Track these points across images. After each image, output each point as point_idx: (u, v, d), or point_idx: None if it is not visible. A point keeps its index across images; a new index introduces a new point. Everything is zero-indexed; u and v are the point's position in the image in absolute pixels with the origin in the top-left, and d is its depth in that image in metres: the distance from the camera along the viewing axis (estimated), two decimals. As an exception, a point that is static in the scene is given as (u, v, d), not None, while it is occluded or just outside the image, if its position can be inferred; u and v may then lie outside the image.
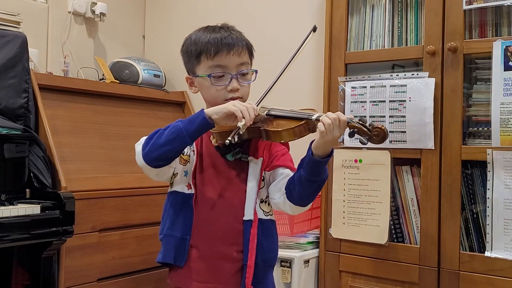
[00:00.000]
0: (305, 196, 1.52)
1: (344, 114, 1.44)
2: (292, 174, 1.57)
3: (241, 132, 1.45)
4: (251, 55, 1.65)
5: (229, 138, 1.44)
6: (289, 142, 1.60)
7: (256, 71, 1.64)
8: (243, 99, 1.61)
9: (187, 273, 1.57)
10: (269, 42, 2.65)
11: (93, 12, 2.96)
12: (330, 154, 1.47)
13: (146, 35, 3.32)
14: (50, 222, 1.99)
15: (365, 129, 1.41)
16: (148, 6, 3.32)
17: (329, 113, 1.43)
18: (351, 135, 1.44)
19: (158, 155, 1.49)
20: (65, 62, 2.76)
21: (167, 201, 1.64)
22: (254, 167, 1.59)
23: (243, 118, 1.43)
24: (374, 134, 1.40)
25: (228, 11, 2.90)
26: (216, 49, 1.56)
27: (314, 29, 1.63)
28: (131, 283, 2.38)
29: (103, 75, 2.81)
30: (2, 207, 1.90)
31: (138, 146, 1.54)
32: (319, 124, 1.42)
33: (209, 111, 1.48)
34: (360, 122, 1.42)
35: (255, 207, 1.57)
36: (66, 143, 2.32)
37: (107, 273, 2.29)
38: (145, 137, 1.55)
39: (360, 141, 1.42)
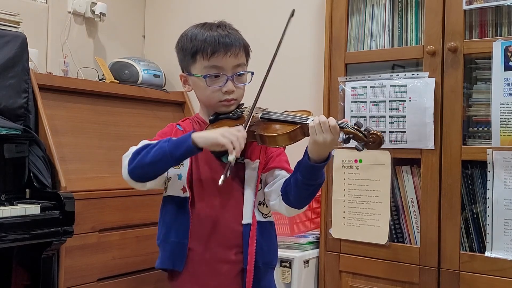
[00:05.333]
0: (301, 199, 1.50)
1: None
2: (287, 175, 1.55)
3: (232, 165, 1.39)
4: (247, 55, 1.62)
5: (223, 176, 1.38)
6: None
7: (252, 73, 1.60)
8: (237, 100, 1.59)
9: (187, 277, 1.55)
10: (268, 42, 2.64)
11: (93, 12, 2.96)
12: (327, 159, 1.44)
13: (146, 35, 3.32)
14: (50, 222, 1.98)
15: (360, 134, 1.38)
16: (148, 6, 3.32)
17: (321, 116, 1.40)
18: (346, 141, 1.40)
19: (143, 173, 1.47)
20: (65, 62, 2.76)
21: (163, 206, 1.61)
22: (251, 169, 1.56)
23: (234, 149, 1.38)
24: (370, 140, 1.37)
25: (227, 10, 2.89)
26: (213, 49, 1.52)
27: (292, 14, 1.54)
28: (131, 283, 2.37)
29: (103, 75, 2.81)
30: (2, 207, 1.90)
31: (125, 160, 1.49)
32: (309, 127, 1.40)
33: (197, 138, 1.42)
34: (356, 127, 1.39)
35: (253, 210, 1.55)
36: (66, 143, 2.32)
37: (107, 273, 2.29)
38: (133, 147, 1.51)
39: (355, 148, 1.38)
